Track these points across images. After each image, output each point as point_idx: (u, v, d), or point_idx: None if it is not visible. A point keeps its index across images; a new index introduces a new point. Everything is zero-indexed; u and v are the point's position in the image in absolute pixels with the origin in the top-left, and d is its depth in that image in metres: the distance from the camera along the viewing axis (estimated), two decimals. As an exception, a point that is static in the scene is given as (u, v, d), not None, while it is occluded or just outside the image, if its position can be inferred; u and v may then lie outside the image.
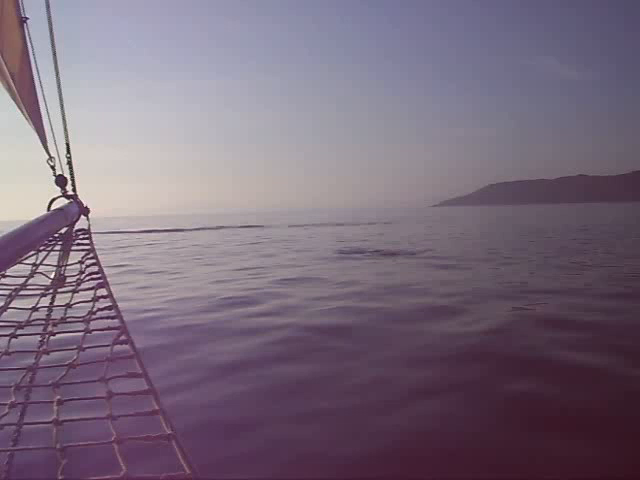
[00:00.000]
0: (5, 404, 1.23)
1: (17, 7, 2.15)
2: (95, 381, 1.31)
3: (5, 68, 2.14)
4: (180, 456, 1.05)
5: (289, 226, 53.29)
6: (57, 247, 2.23)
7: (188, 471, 1.01)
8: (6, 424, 1.23)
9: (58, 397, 1.25)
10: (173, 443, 1.08)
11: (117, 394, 1.25)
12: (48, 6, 2.25)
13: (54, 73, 2.38)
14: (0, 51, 2.09)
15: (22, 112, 2.36)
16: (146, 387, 1.26)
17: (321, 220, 64.61)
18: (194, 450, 3.39)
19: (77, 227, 2.45)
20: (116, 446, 1.08)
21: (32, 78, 2.31)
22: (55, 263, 2.14)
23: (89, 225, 2.50)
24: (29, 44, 2.25)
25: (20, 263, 1.91)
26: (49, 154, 2.49)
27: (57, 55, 2.34)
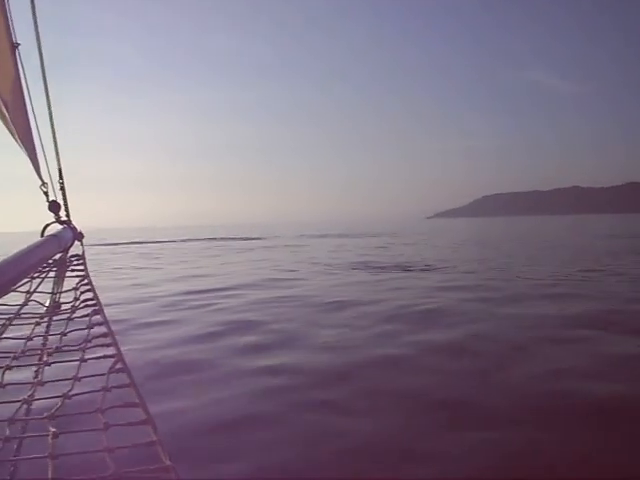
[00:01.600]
0: (0, 439, 1.20)
1: (9, 33, 2.13)
2: (91, 412, 1.28)
3: (-1, 96, 2.13)
4: None
5: (294, 237, 51.58)
6: (51, 274, 2.20)
7: None
8: (8, 460, 1.21)
9: (53, 430, 1.22)
10: (172, 475, 1.06)
11: (114, 425, 1.22)
12: (38, 33, 2.24)
13: (45, 98, 2.37)
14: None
15: (15, 139, 2.34)
16: (144, 417, 1.24)
17: (321, 232, 63.66)
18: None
19: (71, 252, 2.43)
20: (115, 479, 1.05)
21: (24, 105, 2.29)
22: (49, 290, 2.11)
23: (83, 251, 2.48)
24: (21, 70, 2.24)
25: (14, 291, 1.88)
26: (42, 180, 2.48)
27: (48, 81, 2.33)
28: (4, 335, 1.68)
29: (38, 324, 1.86)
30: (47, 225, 2.44)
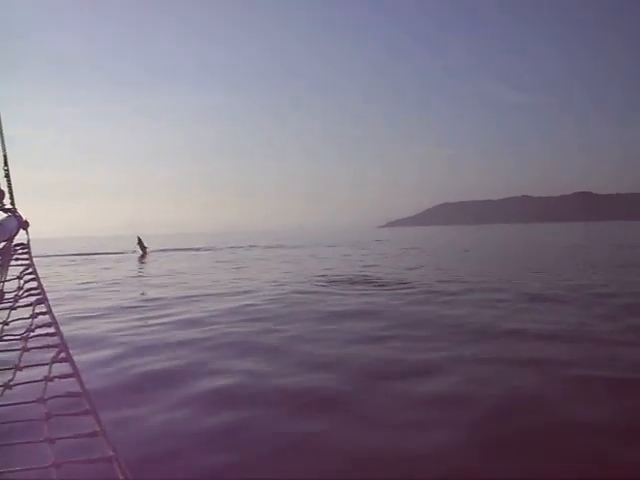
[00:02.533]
0: None
1: None
2: (33, 401, 1.26)
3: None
4: (122, 478, 1.01)
5: (233, 247, 49.37)
6: None
7: None
8: None
9: None
10: (115, 465, 1.05)
11: (56, 415, 1.20)
12: None
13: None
14: None
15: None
16: (87, 407, 1.22)
17: (271, 242, 60.70)
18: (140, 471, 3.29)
19: (16, 241, 2.37)
20: (54, 470, 1.03)
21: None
22: None
23: (28, 239, 2.42)
24: None
25: None
26: None
27: None
28: None
29: None
30: None
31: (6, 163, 2.48)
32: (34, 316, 1.66)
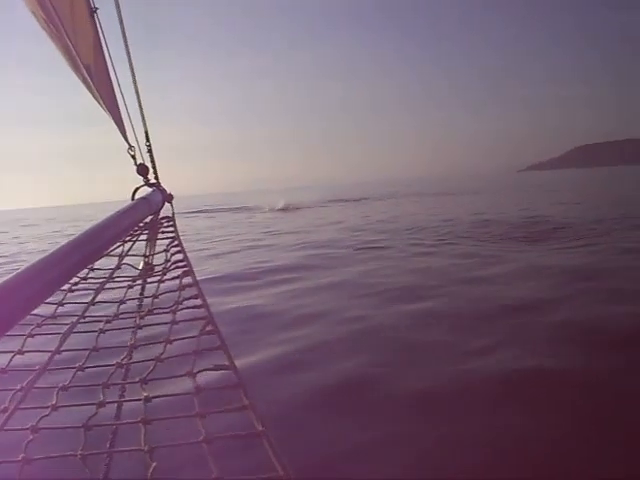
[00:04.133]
0: (94, 404, 1.22)
1: None
2: (183, 375, 1.28)
3: (79, 61, 2.14)
4: (272, 455, 1.00)
5: (390, 198, 43.91)
6: (142, 237, 2.23)
7: (281, 472, 0.96)
8: (100, 424, 1.22)
9: (145, 394, 1.22)
10: (264, 441, 1.03)
11: (205, 389, 1.21)
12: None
13: (127, 62, 2.37)
14: (73, 44, 2.09)
15: (100, 104, 2.36)
16: (235, 380, 1.22)
17: (417, 190, 57.62)
18: (289, 444, 3.25)
19: (161, 215, 2.45)
20: (205, 446, 1.04)
21: (107, 69, 2.30)
22: (141, 253, 2.14)
23: (173, 212, 2.49)
24: (101, 35, 2.24)
25: (107, 255, 1.91)
26: (129, 144, 2.49)
27: (129, 44, 2.32)
28: (98, 299, 1.71)
29: (131, 287, 1.88)
30: (137, 188, 2.46)
31: (148, 139, 2.55)
32: (181, 288, 1.70)
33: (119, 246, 2.03)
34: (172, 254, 2.03)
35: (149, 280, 1.94)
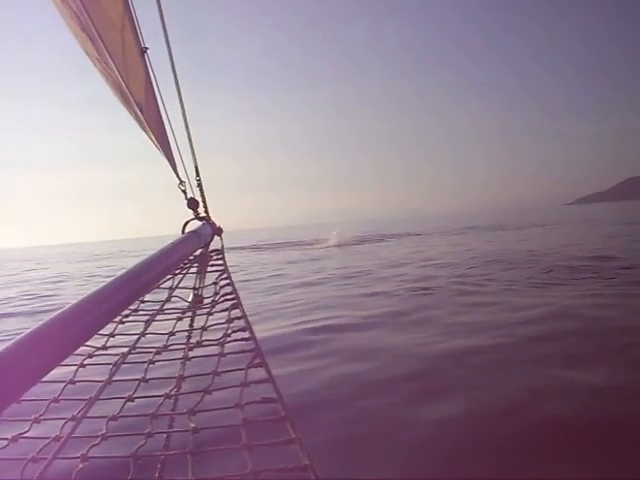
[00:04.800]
0: (143, 434, 1.23)
1: (137, 37, 2.20)
2: (230, 407, 1.28)
3: (132, 99, 2.21)
4: None
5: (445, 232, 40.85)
6: (192, 269, 2.26)
7: None
8: (148, 455, 1.23)
9: (193, 425, 1.22)
10: (311, 474, 1.02)
11: (252, 421, 1.20)
12: (167, 36, 2.30)
13: (177, 100, 2.43)
14: (126, 82, 2.16)
15: (152, 141, 2.43)
16: (282, 414, 1.21)
17: (473, 224, 55.38)
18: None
19: (210, 248, 2.48)
20: (252, 478, 1.03)
21: (157, 106, 2.36)
22: (191, 285, 2.16)
23: (222, 245, 2.52)
24: (151, 73, 2.31)
25: (158, 288, 1.94)
26: (180, 179, 2.54)
27: (179, 81, 2.39)
28: (148, 331, 1.73)
29: (180, 319, 1.91)
30: (187, 222, 2.50)
31: (198, 174, 2.60)
32: (230, 321, 1.71)
33: (169, 279, 2.07)
34: (221, 287, 2.05)
35: (198, 312, 1.96)
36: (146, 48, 2.25)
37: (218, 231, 2.61)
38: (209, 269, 2.28)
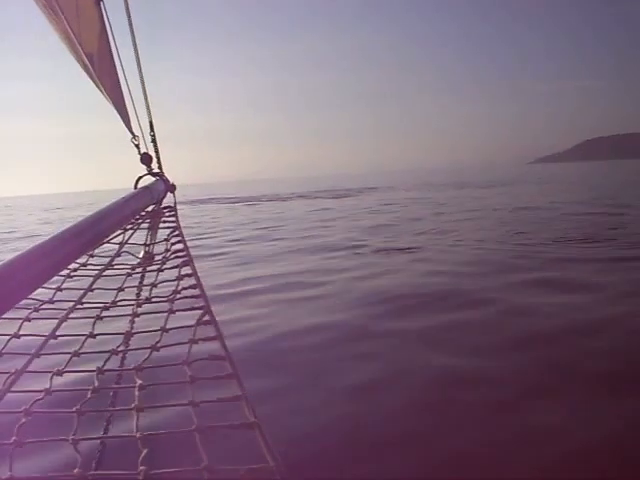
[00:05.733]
0: (88, 389, 1.22)
1: None
2: (178, 364, 1.28)
3: (81, 49, 2.14)
4: (264, 446, 1.00)
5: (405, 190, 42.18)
6: (144, 225, 2.23)
7: (272, 463, 0.96)
8: (93, 410, 1.22)
9: (140, 382, 1.22)
10: (256, 432, 1.03)
11: (199, 378, 1.21)
12: None
13: (132, 50, 2.37)
14: (75, 32, 2.09)
15: (102, 93, 2.36)
16: (229, 371, 1.22)
17: (434, 181, 55.92)
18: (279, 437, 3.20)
19: (163, 204, 2.45)
20: (197, 434, 1.04)
21: (111, 58, 2.30)
22: (142, 242, 2.14)
23: (175, 202, 2.50)
24: (107, 24, 2.24)
25: (107, 242, 1.92)
26: (133, 133, 2.49)
27: (135, 32, 2.32)
28: (96, 285, 1.72)
29: (130, 275, 1.89)
30: (140, 177, 2.46)
31: (152, 129, 2.55)
32: (180, 278, 1.70)
33: (120, 234, 2.04)
34: (172, 244, 2.03)
35: (149, 269, 1.95)
36: None
37: (171, 188, 2.58)
38: (161, 226, 2.26)
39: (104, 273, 1.81)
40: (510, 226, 13.56)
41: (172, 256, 1.92)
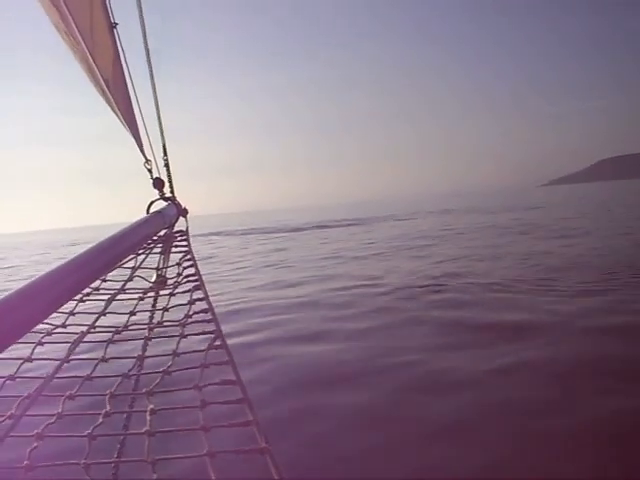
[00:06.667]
0: (100, 413, 1.22)
1: (106, 13, 2.17)
2: (189, 388, 1.28)
3: (99, 74, 2.17)
4: (274, 471, 1.00)
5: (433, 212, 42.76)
6: (156, 250, 2.24)
7: None
8: (105, 434, 1.22)
9: (151, 406, 1.23)
10: (267, 457, 1.03)
11: (210, 403, 1.21)
12: (141, 10, 2.26)
13: (148, 77, 2.39)
14: (93, 57, 2.12)
15: (117, 117, 2.39)
16: (240, 396, 1.22)
17: (448, 206, 54.56)
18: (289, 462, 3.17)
19: (175, 229, 2.46)
20: (208, 459, 1.04)
21: (125, 83, 2.33)
22: (154, 266, 2.15)
23: (187, 227, 2.51)
24: (120, 49, 2.27)
25: (120, 267, 1.93)
26: (146, 157, 2.51)
27: (151, 58, 2.35)
28: (109, 310, 1.72)
29: (142, 299, 1.90)
30: (152, 202, 2.48)
31: (165, 153, 2.57)
32: (192, 302, 1.71)
33: (132, 258, 2.05)
34: (184, 268, 2.04)
35: (161, 293, 1.95)
36: (116, 24, 2.22)
37: (183, 212, 2.59)
38: (173, 250, 2.27)
39: (117, 297, 1.81)
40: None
41: (184, 280, 1.93)
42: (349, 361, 5.59)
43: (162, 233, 2.34)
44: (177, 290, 1.89)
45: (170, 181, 2.60)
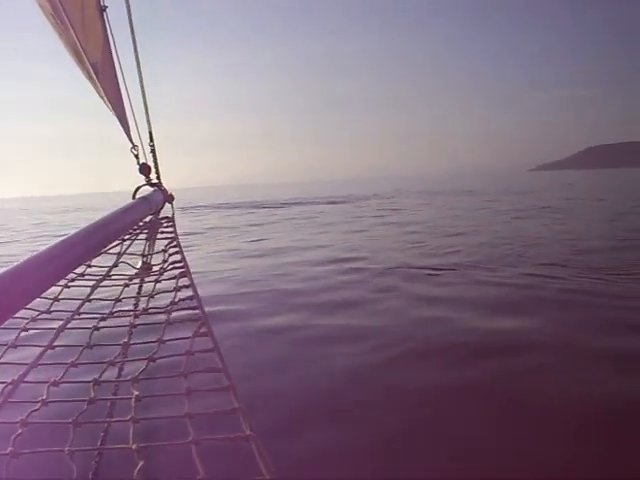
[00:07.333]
0: (85, 400, 1.22)
1: None
2: (174, 376, 1.28)
3: (86, 58, 2.15)
4: (259, 459, 1.00)
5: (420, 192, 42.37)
6: (142, 235, 2.23)
7: (268, 476, 0.96)
8: (90, 421, 1.22)
9: (136, 393, 1.22)
10: (252, 444, 1.03)
11: (196, 390, 1.21)
12: None
13: (134, 63, 2.38)
14: (81, 41, 2.10)
15: (104, 102, 2.37)
16: (226, 383, 1.22)
17: (437, 189, 52.57)
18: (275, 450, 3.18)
19: (161, 215, 2.46)
20: (193, 447, 1.04)
21: (114, 67, 2.31)
22: (139, 252, 2.14)
23: (173, 213, 2.50)
24: (110, 33, 2.25)
25: (105, 253, 1.92)
26: (132, 143, 2.50)
27: (137, 43, 2.33)
28: (94, 296, 1.72)
29: (127, 286, 1.89)
30: (138, 188, 2.47)
31: (152, 139, 2.56)
32: (177, 289, 1.70)
33: (118, 244, 2.04)
34: (170, 254, 2.03)
35: (146, 279, 1.95)
36: (105, 7, 2.19)
37: (169, 198, 2.58)
38: (159, 236, 2.26)
39: (102, 283, 1.81)
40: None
41: (170, 267, 1.93)
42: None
43: (148, 219, 2.33)
44: (163, 277, 1.88)
45: (157, 167, 2.59)
